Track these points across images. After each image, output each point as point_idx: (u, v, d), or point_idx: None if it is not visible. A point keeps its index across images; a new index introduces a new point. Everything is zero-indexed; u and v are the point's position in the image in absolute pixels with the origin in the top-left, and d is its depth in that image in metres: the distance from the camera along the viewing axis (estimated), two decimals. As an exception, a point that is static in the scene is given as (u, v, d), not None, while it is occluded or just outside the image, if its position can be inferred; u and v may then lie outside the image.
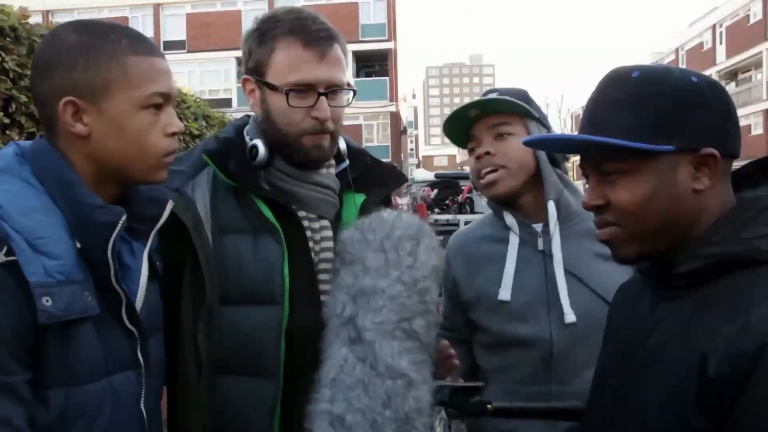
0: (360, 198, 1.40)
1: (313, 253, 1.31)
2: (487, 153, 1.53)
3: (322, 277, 1.31)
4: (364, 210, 1.37)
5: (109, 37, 1.04)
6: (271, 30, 1.29)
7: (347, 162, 1.41)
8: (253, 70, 1.31)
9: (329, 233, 1.34)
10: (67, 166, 1.03)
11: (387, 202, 1.48)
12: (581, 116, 0.99)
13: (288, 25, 1.28)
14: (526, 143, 1.04)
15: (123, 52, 1.03)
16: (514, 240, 1.55)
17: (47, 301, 0.93)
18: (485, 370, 1.60)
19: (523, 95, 1.58)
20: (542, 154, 1.53)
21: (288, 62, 1.27)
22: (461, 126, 1.58)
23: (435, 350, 1.23)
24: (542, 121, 1.58)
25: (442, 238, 1.80)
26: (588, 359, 1.45)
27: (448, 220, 9.59)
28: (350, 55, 24.17)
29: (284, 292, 1.25)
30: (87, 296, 0.99)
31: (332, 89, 1.29)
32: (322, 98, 1.27)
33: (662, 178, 0.91)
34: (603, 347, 1.13)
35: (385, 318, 1.14)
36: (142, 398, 1.10)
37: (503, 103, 1.52)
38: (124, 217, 1.02)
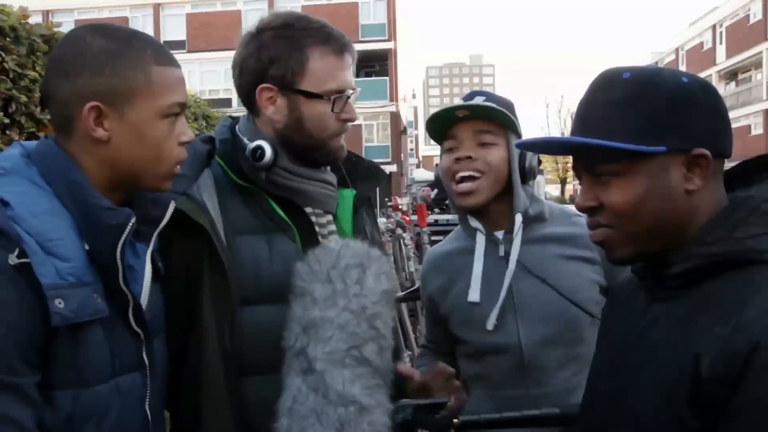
0: (350, 193, 1.45)
1: None
2: (469, 157, 1.50)
3: None
4: (360, 202, 1.45)
5: (133, 45, 1.05)
6: (301, 38, 1.30)
7: None
8: (280, 79, 1.30)
9: (334, 227, 1.39)
10: (76, 167, 1.04)
11: (369, 203, 1.53)
12: (573, 118, 0.99)
13: (318, 33, 1.31)
14: (519, 145, 1.05)
15: (148, 60, 1.05)
16: (480, 241, 1.56)
17: (60, 303, 0.93)
18: (466, 378, 1.60)
19: (511, 106, 1.56)
20: (515, 169, 1.52)
21: (327, 70, 1.31)
22: (442, 122, 1.56)
23: (392, 372, 1.26)
24: (521, 136, 1.57)
25: (442, 237, 1.81)
26: (562, 360, 1.49)
27: (448, 220, 9.60)
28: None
29: None
30: (96, 298, 0.99)
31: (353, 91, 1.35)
32: (349, 101, 1.34)
33: (655, 179, 0.91)
34: (596, 349, 1.13)
35: (334, 347, 1.17)
36: (147, 399, 1.10)
37: (496, 113, 1.50)
38: (133, 220, 1.03)
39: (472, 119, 1.52)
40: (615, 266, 1.25)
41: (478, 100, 1.54)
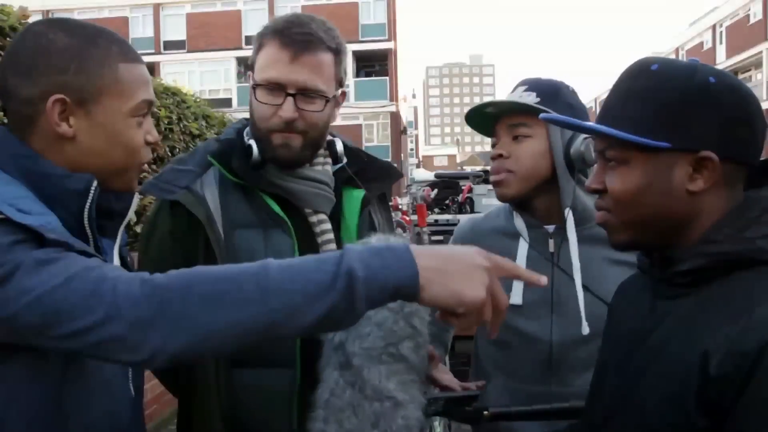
0: (360, 193, 1.46)
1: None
2: (500, 155, 1.50)
3: None
4: (366, 203, 1.45)
5: (99, 43, 1.02)
6: (264, 32, 1.34)
7: (344, 161, 1.46)
8: (251, 69, 1.37)
9: (328, 226, 1.39)
10: (20, 143, 0.98)
11: (383, 198, 1.55)
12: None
13: (275, 26, 1.33)
14: (545, 118, 1.07)
15: (114, 58, 1.02)
16: (523, 244, 1.53)
17: (53, 235, 0.87)
18: (486, 363, 1.60)
19: (552, 90, 1.51)
20: (560, 161, 1.48)
21: (265, 61, 1.32)
22: (488, 119, 1.55)
23: (426, 368, 1.29)
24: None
25: (442, 237, 1.81)
26: (588, 361, 1.45)
27: (448, 220, 9.58)
28: (350, 55, 24.16)
29: None
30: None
31: (303, 92, 1.30)
32: (289, 98, 1.30)
33: (657, 174, 0.91)
34: (603, 346, 1.13)
35: (371, 344, 1.20)
36: (130, 376, 1.10)
37: (516, 105, 1.47)
38: (95, 183, 0.99)
39: (505, 115, 1.50)
40: None
41: (518, 91, 1.51)
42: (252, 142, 1.35)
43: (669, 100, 0.90)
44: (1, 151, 0.98)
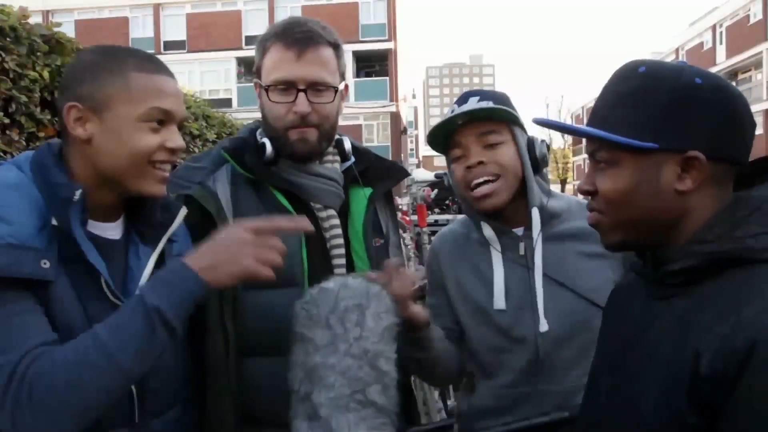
0: (367, 191, 1.51)
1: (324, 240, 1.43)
2: (480, 163, 1.46)
3: (334, 262, 1.42)
4: (372, 202, 1.49)
5: (117, 56, 1.14)
6: (266, 37, 1.42)
7: (353, 160, 1.52)
8: (257, 75, 1.44)
9: (336, 221, 1.45)
10: (49, 155, 1.12)
11: (388, 197, 1.61)
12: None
13: (277, 30, 1.41)
14: (537, 121, 1.07)
15: (127, 69, 1.12)
16: (495, 252, 1.53)
17: None
18: (475, 367, 1.59)
19: (504, 97, 1.52)
20: (527, 162, 1.49)
21: (272, 63, 1.39)
22: (443, 131, 1.52)
23: (396, 407, 1.26)
24: (523, 127, 1.54)
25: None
26: (574, 359, 1.47)
27: (448, 220, 9.58)
28: (350, 55, 24.19)
29: (304, 275, 1.35)
30: (43, 263, 1.03)
31: (313, 86, 1.37)
32: (301, 94, 1.37)
33: (646, 174, 0.92)
34: (597, 347, 1.13)
35: (337, 393, 1.19)
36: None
37: (495, 111, 1.46)
38: (78, 192, 1.08)
39: (473, 122, 1.48)
40: (624, 261, 1.25)
41: (473, 101, 1.49)
42: (265, 141, 1.40)
43: (656, 102, 0.91)
44: (36, 160, 1.12)
